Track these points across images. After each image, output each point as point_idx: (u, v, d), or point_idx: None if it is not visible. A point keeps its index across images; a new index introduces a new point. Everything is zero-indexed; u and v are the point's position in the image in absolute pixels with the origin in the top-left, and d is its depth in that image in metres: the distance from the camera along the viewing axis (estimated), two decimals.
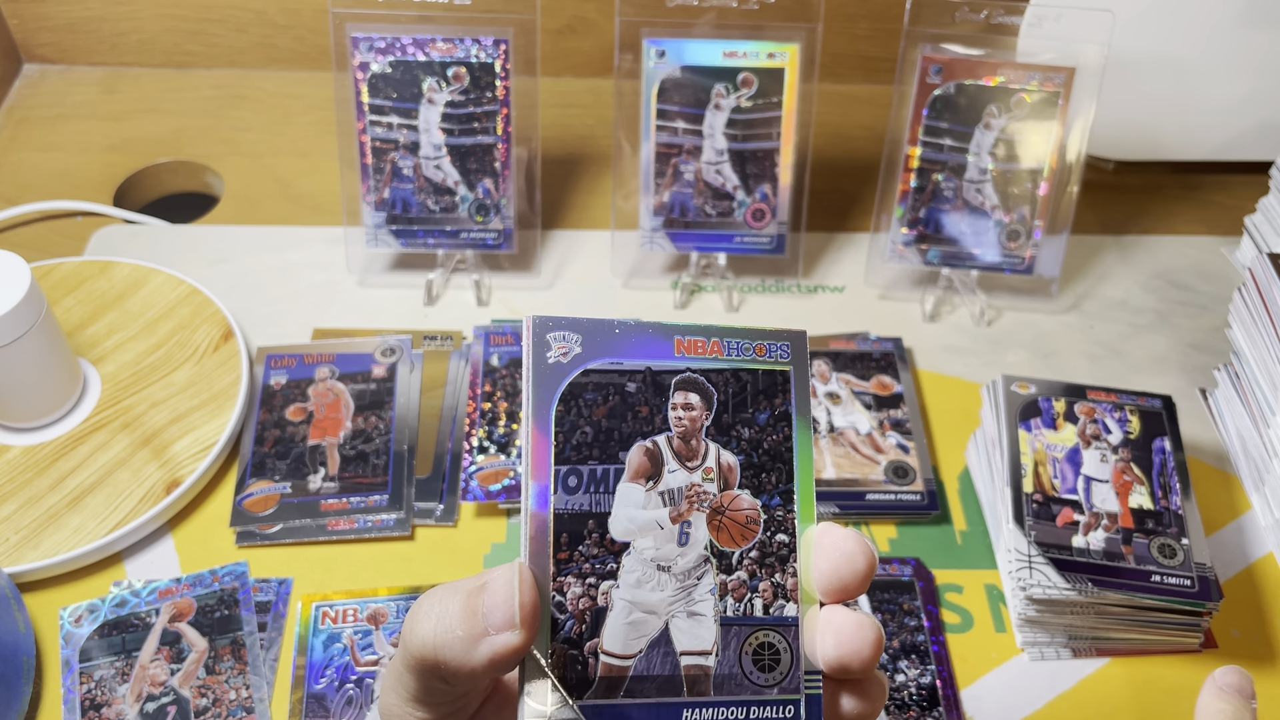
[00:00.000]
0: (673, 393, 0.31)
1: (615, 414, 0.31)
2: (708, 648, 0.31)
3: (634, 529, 0.31)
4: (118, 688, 0.56)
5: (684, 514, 0.31)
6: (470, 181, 0.74)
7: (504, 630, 0.29)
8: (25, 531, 0.60)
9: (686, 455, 0.31)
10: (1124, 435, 0.63)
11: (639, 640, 0.30)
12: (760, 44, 0.72)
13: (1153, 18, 0.79)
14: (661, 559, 0.31)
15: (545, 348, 0.31)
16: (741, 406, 0.32)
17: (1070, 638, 0.60)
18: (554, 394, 0.31)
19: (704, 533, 0.31)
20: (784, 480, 0.32)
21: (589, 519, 0.30)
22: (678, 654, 0.30)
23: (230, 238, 0.80)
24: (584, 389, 0.31)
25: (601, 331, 0.31)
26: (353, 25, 0.71)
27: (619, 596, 0.30)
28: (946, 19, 0.73)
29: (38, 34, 0.92)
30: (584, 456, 0.31)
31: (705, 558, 0.31)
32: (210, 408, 0.67)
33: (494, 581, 0.29)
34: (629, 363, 0.31)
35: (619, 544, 0.31)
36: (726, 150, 0.74)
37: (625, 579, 0.30)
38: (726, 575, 0.31)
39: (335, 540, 0.63)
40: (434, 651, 0.29)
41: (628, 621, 0.30)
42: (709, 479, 0.31)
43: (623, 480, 0.31)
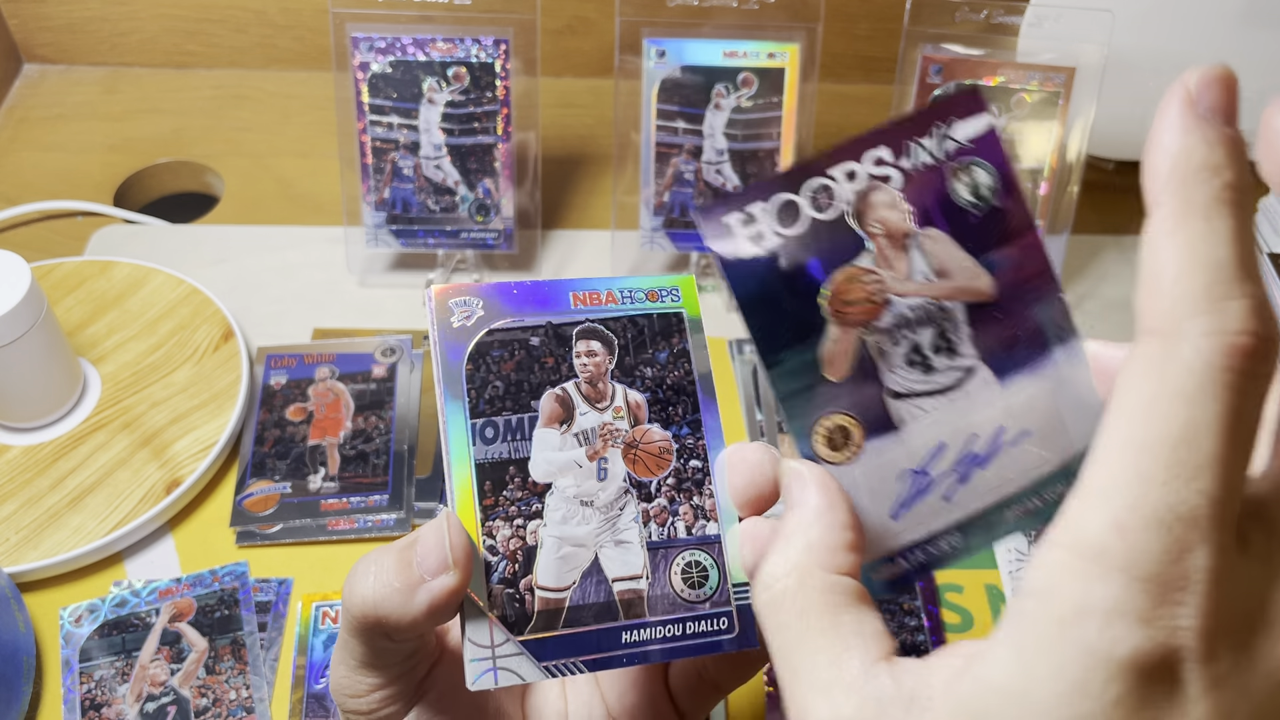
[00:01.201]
0: (575, 342, 0.33)
1: (523, 367, 0.33)
2: (638, 572, 0.32)
3: (554, 470, 0.32)
4: (118, 688, 0.56)
5: (600, 451, 0.33)
6: (470, 181, 0.74)
7: (439, 574, 0.29)
8: (25, 531, 0.60)
9: (595, 398, 0.33)
10: None
11: (571, 573, 0.32)
12: (760, 44, 0.72)
13: (1153, 18, 0.79)
14: (583, 495, 0.32)
15: (449, 314, 0.32)
16: (641, 348, 0.34)
17: None
18: (462, 355, 0.32)
19: (621, 466, 0.33)
20: (690, 411, 0.34)
21: (510, 465, 0.32)
22: (610, 581, 0.32)
23: (230, 238, 0.80)
24: (490, 347, 0.33)
25: (500, 294, 0.33)
26: (353, 25, 0.71)
27: (547, 534, 0.32)
28: (946, 19, 0.73)
29: (38, 34, 0.92)
30: (497, 409, 0.32)
31: (625, 489, 0.33)
32: (210, 408, 0.67)
33: (424, 533, 0.30)
34: (530, 319, 0.33)
35: (541, 485, 0.32)
36: (726, 150, 0.74)
37: (551, 517, 0.32)
38: (647, 503, 0.33)
39: (335, 540, 0.63)
40: (374, 608, 0.30)
41: (558, 556, 0.32)
42: (619, 417, 0.33)
43: (537, 426, 0.32)
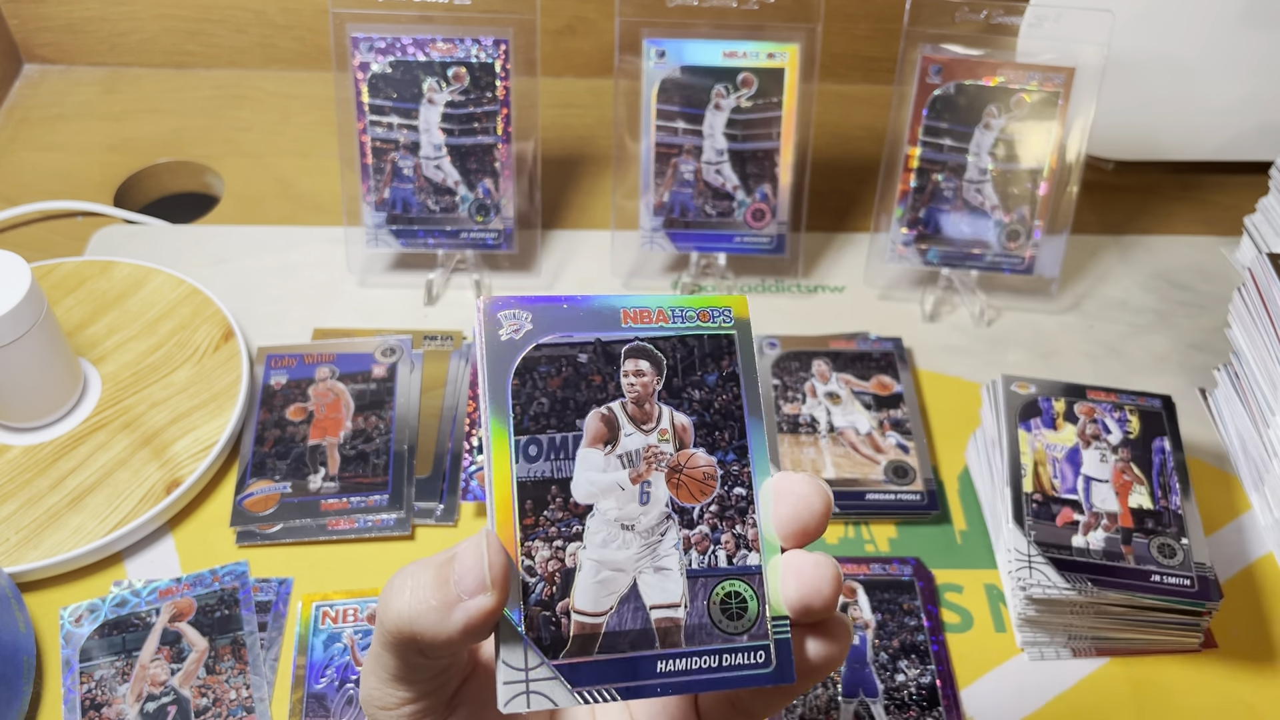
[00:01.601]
0: (623, 360, 0.32)
1: (569, 384, 0.32)
2: (676, 600, 0.32)
3: (596, 491, 0.32)
4: (118, 687, 0.56)
5: (643, 474, 0.32)
6: (470, 181, 0.74)
7: (476, 594, 0.29)
8: (25, 531, 0.61)
9: (641, 419, 0.32)
10: (1124, 435, 0.63)
11: (609, 597, 0.31)
12: (760, 44, 0.72)
13: (1153, 18, 0.79)
14: (625, 518, 0.32)
15: (497, 326, 0.32)
16: (690, 370, 0.33)
17: (1070, 637, 0.60)
18: (509, 369, 0.32)
19: (664, 491, 0.32)
20: (737, 436, 0.33)
21: (551, 485, 0.31)
22: (648, 608, 0.31)
23: (230, 238, 0.80)
24: (537, 363, 0.32)
25: (550, 307, 0.32)
26: (353, 25, 0.71)
27: (586, 557, 0.31)
28: (946, 19, 0.73)
29: (38, 34, 0.92)
30: (542, 426, 0.32)
31: (667, 514, 0.32)
32: (210, 408, 0.67)
33: (463, 550, 0.30)
34: (579, 335, 0.32)
35: (582, 506, 0.31)
36: (726, 150, 0.74)
37: (591, 539, 0.31)
38: (689, 530, 0.32)
39: (335, 540, 0.63)
40: (410, 624, 0.30)
41: (596, 580, 0.31)
42: (664, 440, 0.32)
43: (581, 446, 0.32)
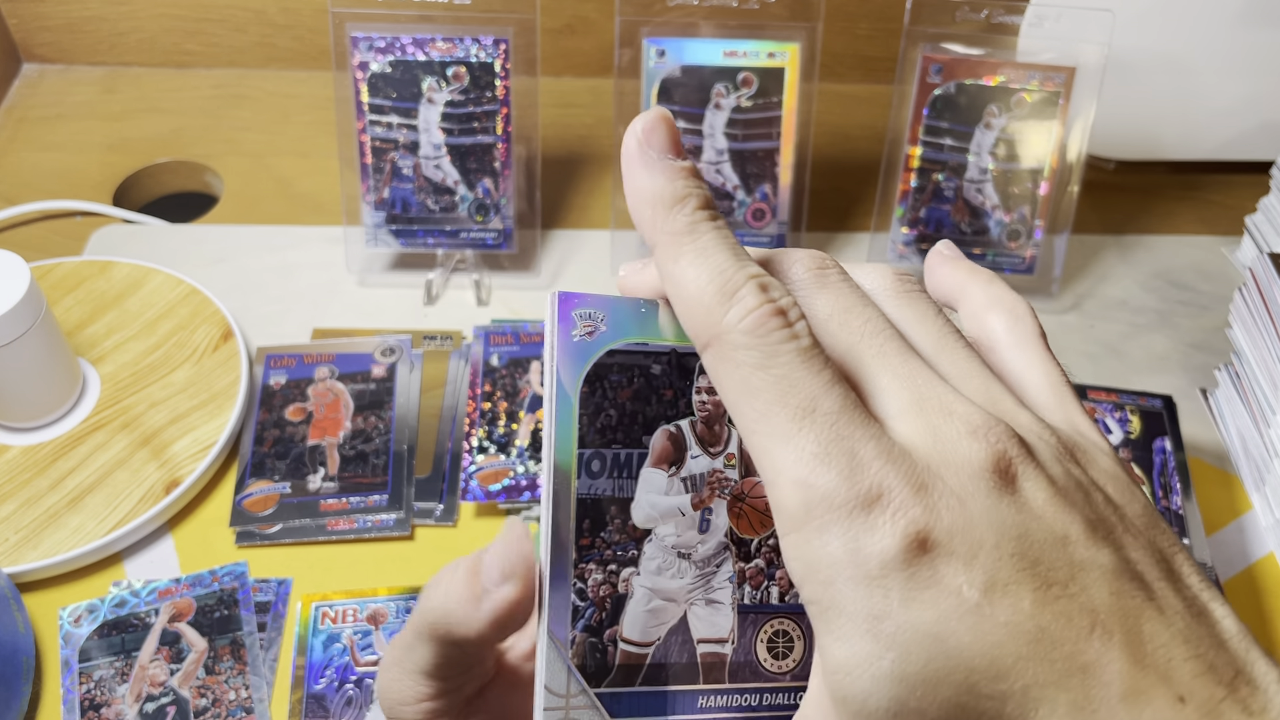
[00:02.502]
0: (698, 376, 0.31)
1: (640, 396, 0.30)
2: (725, 635, 0.30)
3: (656, 515, 0.30)
4: (117, 688, 0.56)
5: (705, 500, 0.30)
6: (470, 181, 0.74)
7: (500, 585, 0.29)
8: (25, 531, 0.60)
9: (709, 440, 0.31)
10: (1124, 435, 0.63)
11: (658, 628, 0.30)
12: (760, 44, 0.72)
13: (1153, 18, 0.79)
14: (682, 546, 0.30)
15: (570, 324, 0.30)
16: None
17: None
18: (579, 374, 0.30)
19: (724, 520, 0.31)
20: None
21: (611, 504, 0.30)
22: (695, 641, 0.30)
23: (230, 237, 0.80)
24: (609, 370, 0.30)
25: (628, 310, 0.30)
26: (352, 25, 0.71)
27: (639, 584, 0.30)
28: (947, 19, 0.73)
29: (37, 34, 0.92)
30: (608, 440, 0.30)
31: (725, 545, 0.31)
32: (210, 408, 0.67)
33: (492, 544, 0.30)
34: (654, 344, 0.30)
35: (640, 530, 0.30)
36: (726, 150, 0.74)
37: (646, 566, 0.30)
38: (745, 563, 0.31)
39: (335, 540, 0.63)
40: (444, 616, 0.30)
41: (647, 609, 0.30)
42: (730, 465, 0.31)
43: (646, 465, 0.30)
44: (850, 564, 0.22)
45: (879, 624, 0.22)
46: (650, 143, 0.27)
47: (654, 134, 0.27)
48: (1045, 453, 0.24)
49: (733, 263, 0.25)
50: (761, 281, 0.25)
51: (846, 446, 0.23)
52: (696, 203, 0.26)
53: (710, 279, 0.25)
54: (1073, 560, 0.23)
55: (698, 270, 0.25)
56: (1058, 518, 0.23)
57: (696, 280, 0.25)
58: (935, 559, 0.22)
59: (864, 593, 0.22)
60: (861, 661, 0.22)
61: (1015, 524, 0.23)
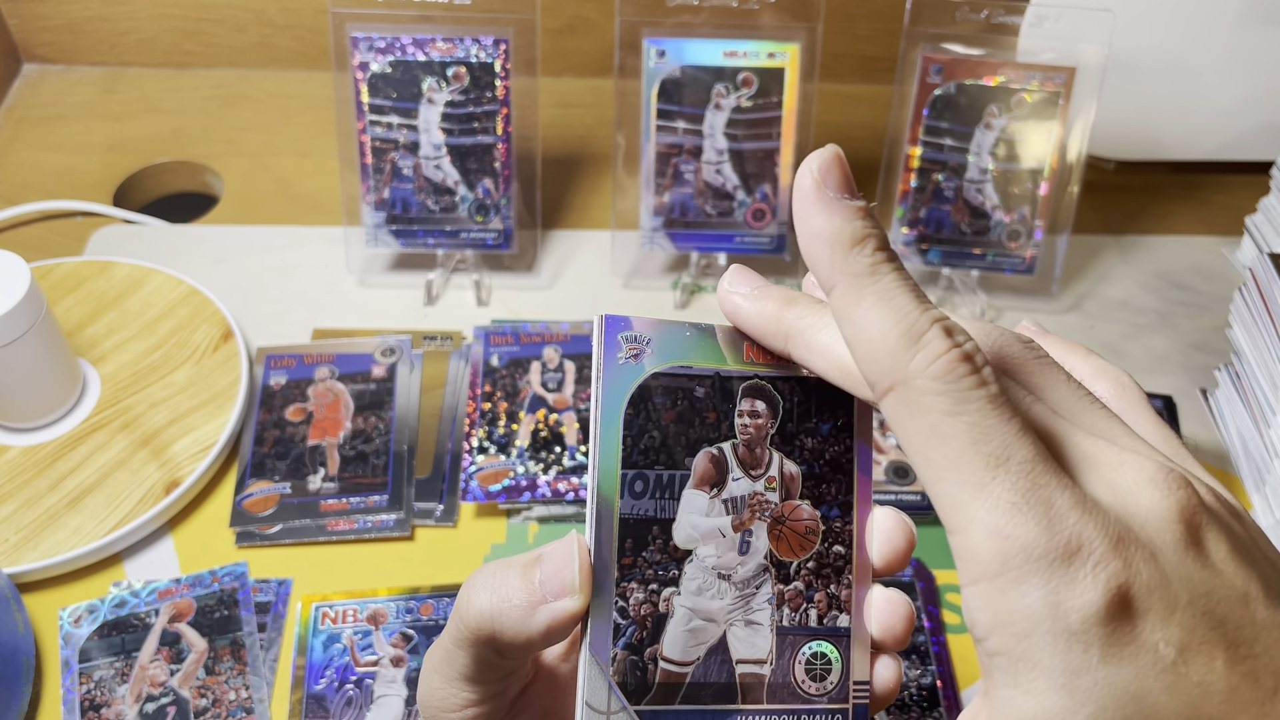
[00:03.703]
0: (740, 399, 0.31)
1: (683, 419, 0.31)
2: (763, 656, 0.31)
3: (697, 536, 0.31)
4: (117, 688, 0.56)
5: (746, 522, 0.31)
6: (470, 181, 0.74)
7: (562, 596, 0.29)
8: (25, 532, 0.60)
9: (751, 463, 0.31)
10: None
11: (698, 648, 0.31)
12: (760, 44, 0.72)
13: (1153, 18, 0.79)
14: (723, 567, 0.31)
15: (616, 348, 0.31)
16: (805, 416, 0.32)
17: None
18: (623, 396, 0.31)
19: (764, 542, 0.31)
20: (843, 492, 0.32)
21: (653, 525, 0.30)
22: (734, 662, 0.31)
23: (230, 238, 0.80)
24: (653, 392, 0.31)
25: (672, 334, 0.31)
26: (352, 25, 0.71)
27: (680, 604, 0.30)
28: (947, 19, 0.73)
29: (37, 34, 0.92)
30: (651, 461, 0.31)
31: (764, 567, 0.31)
32: (210, 408, 0.67)
33: (551, 552, 0.30)
34: (698, 367, 0.31)
35: (681, 551, 0.31)
36: (727, 150, 0.74)
37: (687, 586, 0.31)
38: (784, 585, 0.31)
39: (335, 541, 0.63)
40: (491, 622, 0.30)
41: (688, 629, 0.31)
42: (771, 488, 0.31)
43: (688, 487, 0.31)
44: (1050, 617, 0.22)
45: (1076, 679, 0.22)
46: (827, 182, 0.26)
47: (830, 173, 0.26)
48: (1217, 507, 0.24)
49: (916, 305, 0.25)
50: (946, 325, 0.24)
51: (1043, 496, 0.23)
52: (876, 243, 0.26)
53: (894, 322, 0.25)
54: (1255, 620, 0.23)
55: (881, 313, 0.25)
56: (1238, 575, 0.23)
57: (880, 324, 0.25)
58: (1135, 615, 0.22)
59: (1062, 647, 0.22)
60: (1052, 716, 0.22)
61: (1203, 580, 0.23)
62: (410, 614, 0.60)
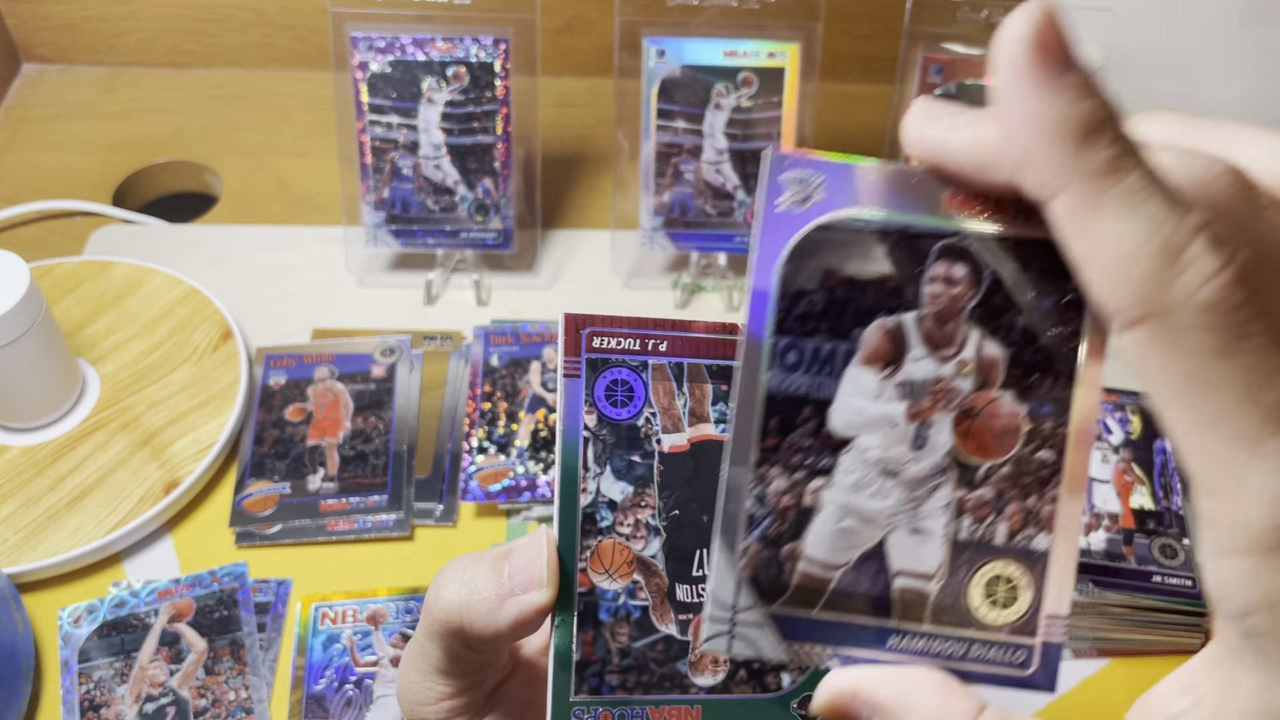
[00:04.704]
0: (933, 261, 0.25)
1: (855, 282, 0.25)
2: (930, 570, 0.26)
3: (860, 423, 0.26)
4: (117, 688, 0.56)
5: (925, 412, 0.26)
6: (470, 181, 0.74)
7: (530, 589, 0.29)
8: (24, 532, 0.60)
9: (938, 341, 0.26)
10: (1125, 435, 0.63)
11: (848, 551, 0.26)
12: (760, 43, 0.72)
13: (1153, 18, 0.79)
14: (889, 462, 0.26)
15: (777, 191, 0.25)
16: (1022, 288, 0.25)
17: (1071, 638, 0.60)
18: (779, 248, 0.25)
19: (947, 437, 0.26)
20: (1061, 386, 0.25)
21: (806, 404, 0.26)
22: (892, 572, 0.26)
23: (229, 237, 0.80)
24: (820, 246, 0.25)
25: (852, 176, 0.25)
26: (352, 25, 0.71)
27: (831, 498, 0.26)
28: (947, 18, 0.73)
29: (37, 34, 0.92)
30: (809, 329, 0.25)
31: (944, 467, 0.26)
32: (209, 408, 0.66)
33: (520, 546, 0.30)
34: (881, 219, 0.25)
35: (838, 438, 0.26)
36: (727, 150, 0.74)
37: (841, 479, 0.26)
38: (968, 490, 0.26)
39: (335, 541, 0.63)
40: (460, 615, 0.30)
41: (838, 527, 0.26)
42: (963, 374, 0.26)
43: (853, 363, 0.25)
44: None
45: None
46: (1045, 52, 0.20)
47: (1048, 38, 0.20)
48: None
49: (1172, 210, 0.19)
50: (1214, 233, 0.19)
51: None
52: (1114, 129, 0.20)
53: (1148, 234, 0.19)
54: None
55: (1129, 223, 0.20)
56: None
57: (1129, 238, 0.20)
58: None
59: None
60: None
61: None
62: (410, 614, 0.59)
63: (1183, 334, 0.19)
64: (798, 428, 0.26)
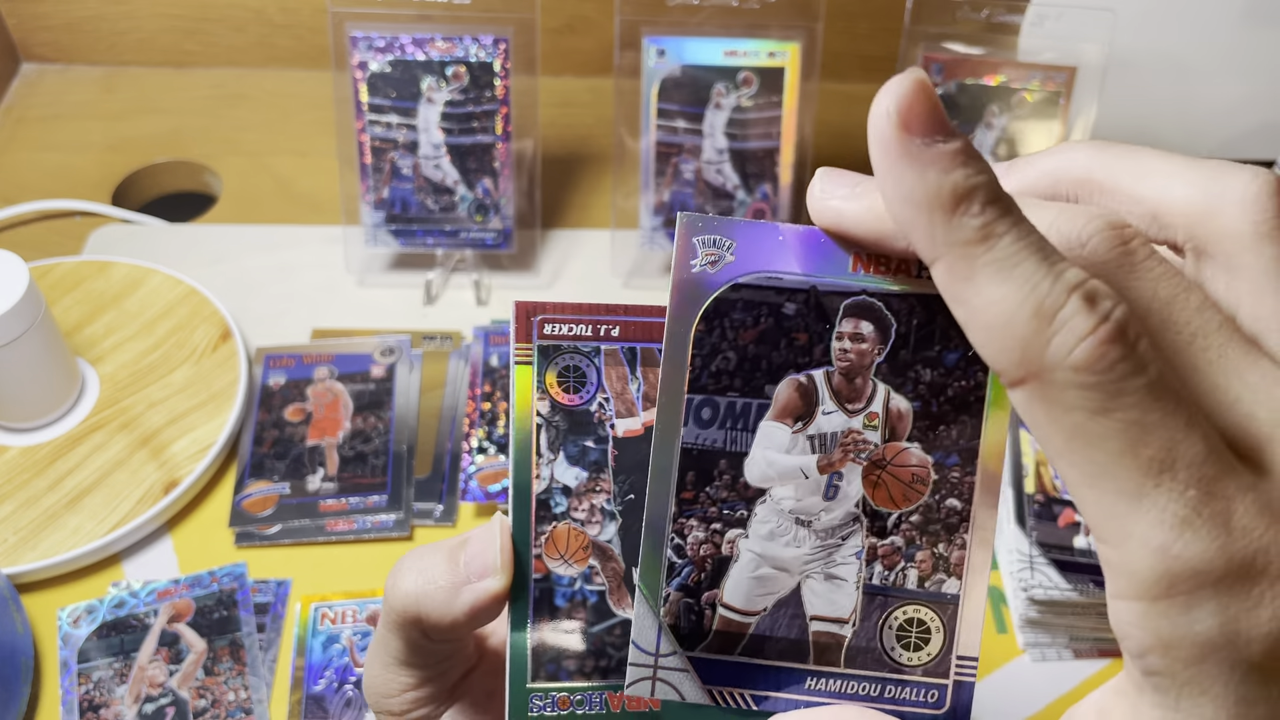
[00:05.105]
0: (840, 319, 0.26)
1: (766, 339, 0.26)
2: (844, 615, 0.27)
3: (773, 475, 0.27)
4: (116, 689, 0.56)
5: (835, 464, 0.27)
6: (469, 181, 0.74)
7: (484, 576, 0.29)
8: (23, 532, 0.60)
9: (847, 396, 0.27)
10: None
11: (764, 597, 0.27)
12: (761, 43, 0.72)
13: (1154, 17, 0.79)
14: (802, 512, 0.27)
15: (691, 254, 0.26)
16: (927, 342, 0.26)
17: (1072, 638, 0.60)
18: (695, 310, 0.26)
19: (857, 488, 0.27)
20: (967, 437, 0.26)
21: (721, 458, 0.27)
22: (807, 617, 0.27)
23: (229, 237, 0.80)
24: (732, 306, 0.26)
25: (762, 237, 0.26)
26: (352, 24, 0.71)
27: (747, 547, 0.27)
28: (947, 18, 0.73)
29: (36, 33, 0.92)
30: (723, 386, 0.27)
31: (855, 516, 0.27)
32: (209, 408, 0.66)
33: (475, 534, 0.30)
34: (790, 278, 0.26)
35: (753, 490, 0.27)
36: (727, 149, 0.74)
37: (756, 529, 0.27)
38: (878, 539, 0.27)
39: (334, 541, 0.63)
40: (416, 604, 0.30)
41: (754, 575, 0.27)
42: (871, 425, 0.27)
43: (766, 418, 0.27)
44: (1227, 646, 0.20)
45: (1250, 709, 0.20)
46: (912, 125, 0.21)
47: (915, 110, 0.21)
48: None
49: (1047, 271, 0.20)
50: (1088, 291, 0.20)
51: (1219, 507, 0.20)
52: (984, 196, 0.20)
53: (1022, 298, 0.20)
54: None
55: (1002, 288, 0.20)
56: None
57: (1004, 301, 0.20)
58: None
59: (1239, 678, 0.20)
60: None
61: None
62: None
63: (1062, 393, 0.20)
64: (714, 480, 0.27)
